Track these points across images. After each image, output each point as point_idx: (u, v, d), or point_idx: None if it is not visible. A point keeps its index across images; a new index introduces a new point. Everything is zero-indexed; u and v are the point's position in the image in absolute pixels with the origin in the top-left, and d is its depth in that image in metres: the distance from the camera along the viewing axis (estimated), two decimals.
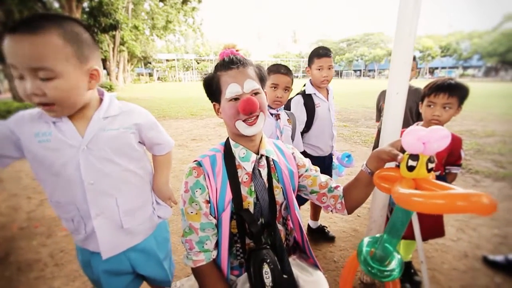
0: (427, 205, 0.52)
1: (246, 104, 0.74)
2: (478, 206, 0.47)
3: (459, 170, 1.37)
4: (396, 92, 1.24)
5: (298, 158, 0.98)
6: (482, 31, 42.99)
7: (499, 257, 1.79)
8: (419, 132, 0.64)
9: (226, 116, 0.80)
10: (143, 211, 0.94)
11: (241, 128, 0.78)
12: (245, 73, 0.78)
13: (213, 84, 0.80)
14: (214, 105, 0.84)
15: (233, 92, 0.76)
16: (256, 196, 0.85)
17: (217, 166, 0.83)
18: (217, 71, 0.80)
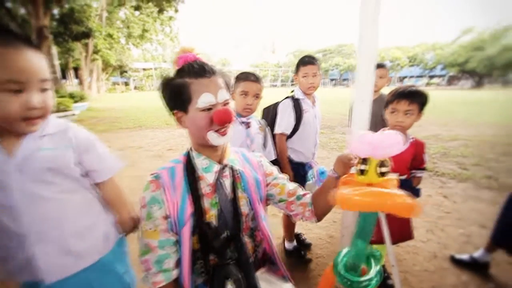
0: (359, 202, 0.56)
1: (223, 115, 0.73)
2: (402, 207, 0.53)
3: (423, 173, 1.42)
4: (362, 100, 1.28)
5: (265, 166, 0.96)
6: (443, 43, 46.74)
7: (465, 256, 1.87)
8: (369, 137, 0.66)
9: (196, 126, 0.76)
10: (94, 231, 0.87)
11: (213, 138, 0.76)
12: (217, 83, 0.76)
13: (180, 91, 0.75)
14: (176, 113, 0.79)
15: (207, 102, 0.73)
16: (220, 208, 0.81)
17: (176, 179, 0.79)
18: (185, 77, 0.75)
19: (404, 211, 0.53)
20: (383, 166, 0.66)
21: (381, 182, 0.68)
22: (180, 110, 0.77)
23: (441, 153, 4.73)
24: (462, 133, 6.43)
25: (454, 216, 2.56)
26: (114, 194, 0.95)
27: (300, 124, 1.73)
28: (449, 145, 5.31)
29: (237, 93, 1.39)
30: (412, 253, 2.01)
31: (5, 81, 0.64)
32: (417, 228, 2.33)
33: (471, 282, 1.70)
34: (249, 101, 1.37)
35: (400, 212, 0.53)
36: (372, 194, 0.56)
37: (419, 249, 2.06)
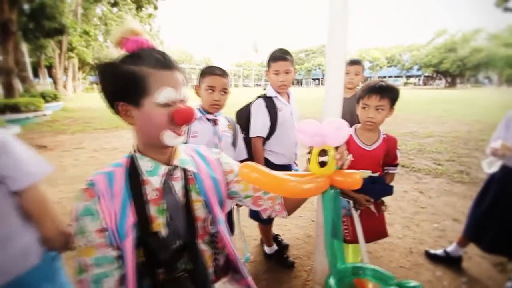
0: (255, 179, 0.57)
1: (186, 114, 0.65)
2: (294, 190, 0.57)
3: (396, 170, 1.40)
4: (332, 97, 1.22)
5: (224, 163, 0.88)
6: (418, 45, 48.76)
7: (439, 251, 1.89)
8: (308, 125, 0.63)
9: (151, 123, 0.66)
10: (9, 244, 0.74)
11: (169, 138, 0.67)
12: (179, 78, 0.68)
13: (134, 80, 0.64)
14: (122, 105, 0.66)
15: (169, 98, 0.64)
16: (169, 215, 0.72)
17: (116, 185, 0.68)
18: (142, 65, 0.64)
19: (289, 190, 0.56)
20: (322, 155, 0.62)
21: (324, 173, 0.65)
22: (128, 102, 0.66)
23: (417, 150, 4.87)
24: (437, 130, 6.68)
25: (429, 211, 2.61)
26: (35, 205, 0.80)
27: (276, 124, 1.62)
28: (424, 141, 5.48)
29: (202, 89, 1.29)
30: (389, 250, 2.00)
31: None
32: (394, 225, 2.35)
33: (445, 277, 1.71)
34: (216, 96, 1.28)
35: (284, 191, 0.57)
36: (259, 172, 0.57)
37: (396, 245, 2.06)
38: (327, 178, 0.65)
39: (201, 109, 1.33)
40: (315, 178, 0.62)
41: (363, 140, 1.34)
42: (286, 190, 0.56)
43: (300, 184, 0.56)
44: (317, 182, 0.59)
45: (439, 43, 41.96)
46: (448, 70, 38.90)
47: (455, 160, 4.20)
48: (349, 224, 1.37)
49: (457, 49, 37.92)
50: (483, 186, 1.68)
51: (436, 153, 4.65)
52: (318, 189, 0.60)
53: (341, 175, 0.66)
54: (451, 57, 37.92)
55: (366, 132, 1.34)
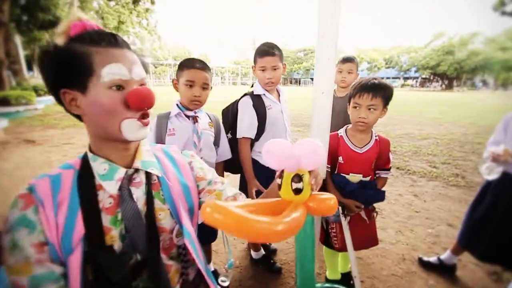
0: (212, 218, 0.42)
1: (143, 95, 0.56)
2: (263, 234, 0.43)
3: (389, 174, 1.31)
4: (322, 92, 1.13)
5: (197, 168, 0.78)
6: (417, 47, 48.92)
7: (433, 258, 1.81)
8: (277, 145, 0.54)
9: (101, 111, 0.56)
10: None
11: (132, 129, 0.58)
12: (132, 57, 0.59)
13: (74, 61, 0.54)
14: (66, 92, 0.57)
15: (117, 75, 0.55)
16: (126, 226, 0.62)
17: (61, 191, 0.58)
18: (85, 45, 0.55)
19: (261, 235, 0.43)
20: (296, 181, 0.52)
21: (298, 201, 0.55)
22: (72, 88, 0.56)
23: (413, 152, 4.81)
24: (433, 132, 6.63)
25: (423, 215, 2.53)
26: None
27: (265, 124, 1.50)
28: (420, 143, 5.42)
29: (181, 83, 1.18)
30: (381, 256, 1.92)
31: None
32: (386, 229, 2.27)
33: (438, 286, 1.64)
34: (196, 92, 1.17)
35: (255, 238, 0.43)
36: (225, 212, 0.43)
37: (388, 251, 1.98)
38: (304, 210, 0.55)
39: (180, 105, 1.23)
40: (291, 211, 0.51)
41: (354, 142, 1.25)
42: (260, 236, 0.44)
43: (275, 226, 0.44)
44: (295, 221, 0.48)
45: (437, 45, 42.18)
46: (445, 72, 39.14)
47: (451, 163, 4.14)
48: (337, 231, 1.29)
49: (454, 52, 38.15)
50: (479, 192, 1.60)
51: (432, 155, 4.59)
52: (297, 227, 0.49)
53: (314, 201, 0.57)
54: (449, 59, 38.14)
55: (358, 133, 1.25)
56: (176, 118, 1.21)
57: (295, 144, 0.55)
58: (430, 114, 10.02)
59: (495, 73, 37.34)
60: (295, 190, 0.53)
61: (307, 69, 58.57)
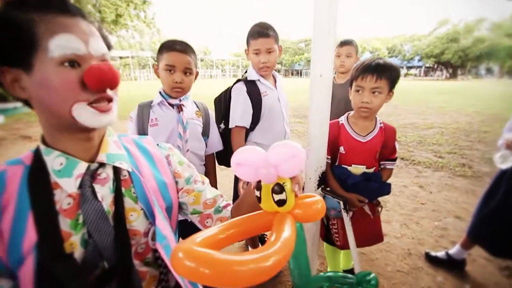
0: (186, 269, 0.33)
1: (101, 72, 0.46)
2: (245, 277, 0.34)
3: (394, 165, 1.19)
4: (320, 74, 1.01)
5: (175, 163, 0.68)
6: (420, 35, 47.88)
7: (441, 253, 1.71)
8: (247, 153, 0.47)
9: (51, 93, 0.46)
10: None
11: (85, 115, 0.48)
12: (88, 28, 0.49)
13: (14, 32, 0.44)
14: (6, 71, 0.46)
15: (70, 48, 0.45)
16: (89, 231, 0.52)
17: (7, 190, 0.48)
18: (28, 11, 0.44)
19: (257, 279, 0.34)
20: (278, 192, 0.45)
21: (284, 212, 0.48)
22: (15, 66, 0.46)
23: (417, 141, 4.67)
24: (437, 121, 6.46)
25: (429, 207, 2.43)
26: None
27: (260, 112, 1.37)
28: (425, 133, 5.28)
29: (161, 68, 1.06)
30: (385, 251, 1.82)
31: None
32: (391, 223, 2.17)
33: (447, 283, 1.54)
34: (177, 77, 1.05)
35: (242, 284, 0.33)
36: (200, 259, 0.33)
37: (393, 246, 1.88)
38: (292, 223, 0.46)
39: (163, 92, 1.11)
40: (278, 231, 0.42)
41: (356, 130, 1.13)
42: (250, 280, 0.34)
43: (265, 261, 0.34)
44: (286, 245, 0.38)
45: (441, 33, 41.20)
46: (449, 61, 38.37)
47: (457, 153, 4.01)
48: (339, 228, 1.18)
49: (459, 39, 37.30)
50: (492, 182, 1.48)
51: (437, 145, 4.46)
52: (290, 251, 0.39)
53: (299, 208, 0.50)
54: (453, 47, 37.32)
55: (361, 120, 1.13)
56: (159, 107, 1.10)
57: (270, 149, 0.47)
58: (434, 103, 9.80)
59: (500, 61, 36.51)
60: (278, 202, 0.46)
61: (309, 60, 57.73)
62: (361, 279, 0.69)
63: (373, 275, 0.70)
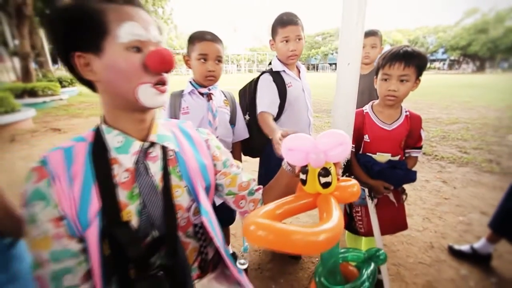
0: (262, 238, 0.40)
1: (163, 56, 0.52)
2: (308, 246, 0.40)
3: (420, 153, 1.19)
4: (348, 63, 1.03)
5: (213, 147, 0.74)
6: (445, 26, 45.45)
7: (465, 247, 1.68)
8: (298, 140, 0.52)
9: (118, 74, 0.52)
10: None
11: (148, 95, 0.54)
12: (147, 17, 0.55)
13: (86, 19, 0.49)
14: (78, 56, 0.52)
15: (135, 35, 0.51)
16: (142, 202, 0.58)
17: (75, 163, 0.55)
18: (95, 1, 0.50)
19: (307, 249, 0.41)
20: (324, 175, 0.50)
21: (326, 193, 0.53)
22: (86, 51, 0.51)
23: (441, 137, 4.51)
24: (463, 116, 6.19)
25: (453, 203, 2.37)
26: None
27: (285, 102, 1.38)
28: (448, 128, 5.08)
29: (193, 58, 1.11)
30: (407, 244, 1.82)
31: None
32: (412, 216, 2.14)
33: (471, 276, 1.52)
34: (210, 66, 1.10)
35: (304, 251, 0.41)
36: (269, 229, 0.40)
37: (414, 239, 1.87)
38: (337, 205, 0.52)
39: (193, 82, 1.17)
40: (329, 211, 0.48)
41: (382, 119, 1.14)
42: (303, 249, 0.41)
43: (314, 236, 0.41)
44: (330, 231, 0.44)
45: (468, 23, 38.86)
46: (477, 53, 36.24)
47: (483, 149, 3.84)
48: (363, 215, 1.20)
49: (488, 30, 35.00)
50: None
51: (462, 140, 4.28)
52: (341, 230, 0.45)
53: (338, 190, 0.56)
54: (481, 38, 35.16)
55: (386, 108, 1.14)
56: (190, 96, 1.16)
57: (318, 137, 0.52)
58: (460, 97, 9.35)
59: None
60: (324, 184, 0.51)
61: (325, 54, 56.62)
62: (371, 254, 0.77)
63: (382, 251, 0.76)
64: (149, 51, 0.52)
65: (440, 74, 33.42)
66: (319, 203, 0.55)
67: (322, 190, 0.53)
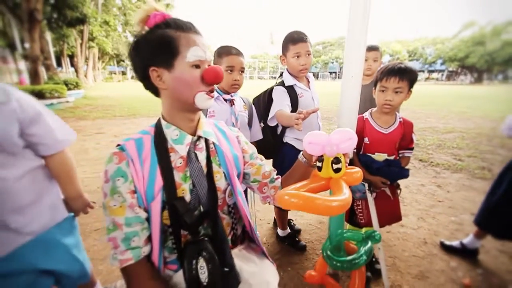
0: (288, 202, 0.61)
1: (215, 72, 0.69)
2: (322, 208, 0.60)
3: (411, 153, 1.38)
4: (351, 76, 1.21)
5: (242, 142, 0.91)
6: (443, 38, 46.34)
7: (455, 242, 1.85)
8: (319, 136, 0.70)
9: (183, 85, 0.69)
10: (36, 205, 0.82)
11: (202, 100, 0.71)
12: (204, 41, 0.72)
13: (164, 43, 0.67)
14: (154, 70, 0.69)
15: (198, 56, 0.68)
16: (192, 182, 0.76)
17: (144, 150, 0.72)
18: (171, 29, 0.67)
19: (324, 211, 0.61)
20: (336, 162, 0.70)
21: (337, 177, 0.72)
22: (160, 66, 0.69)
23: (436, 145, 4.71)
24: (459, 125, 6.41)
25: (446, 205, 2.54)
26: (61, 170, 0.89)
27: (297, 111, 1.57)
28: (445, 137, 5.28)
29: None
30: (402, 239, 1.98)
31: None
32: (408, 216, 2.31)
33: (459, 268, 1.69)
34: (236, 76, 1.30)
35: (322, 212, 0.62)
36: (299, 197, 0.62)
37: (409, 235, 2.04)
38: (347, 185, 0.70)
39: (218, 89, 1.36)
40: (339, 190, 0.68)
41: (379, 124, 1.33)
42: (322, 211, 0.63)
43: (330, 202, 0.62)
44: (342, 201, 0.65)
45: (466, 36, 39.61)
46: (474, 64, 36.83)
47: (477, 156, 4.03)
48: (363, 208, 1.38)
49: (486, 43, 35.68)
50: (499, 174, 1.62)
51: (457, 148, 4.48)
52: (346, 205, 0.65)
53: (346, 175, 0.74)
54: (479, 51, 35.80)
55: (383, 115, 1.33)
56: (215, 102, 1.34)
57: (331, 134, 0.71)
58: (457, 108, 9.60)
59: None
60: (336, 170, 0.70)
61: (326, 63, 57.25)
62: (368, 235, 0.99)
63: (378, 232, 0.99)
64: (206, 68, 0.70)
65: (438, 84, 33.93)
66: (331, 185, 0.74)
67: (334, 174, 0.72)
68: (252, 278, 0.81)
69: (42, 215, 0.83)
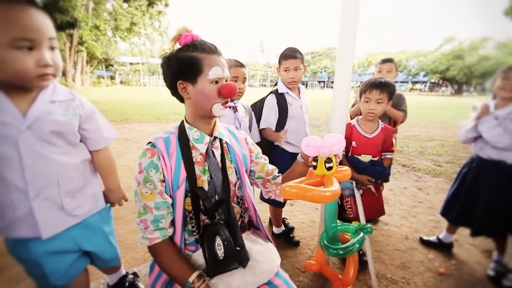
0: (290, 193, 0.75)
1: (231, 88, 0.83)
2: (317, 196, 0.74)
3: (392, 155, 1.59)
4: (341, 88, 1.40)
5: (250, 143, 1.06)
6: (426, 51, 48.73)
7: (432, 237, 2.06)
8: (314, 140, 0.86)
9: (204, 97, 0.83)
10: (84, 192, 0.95)
11: (218, 109, 0.84)
12: (224, 61, 0.86)
13: (191, 63, 0.81)
14: (181, 83, 0.84)
15: (217, 75, 0.82)
16: (210, 175, 0.90)
17: (171, 147, 0.86)
18: (197, 52, 0.82)
19: (319, 199, 0.73)
20: (329, 162, 0.85)
21: (329, 174, 0.87)
22: (186, 81, 0.83)
23: (418, 151, 5.02)
24: (439, 134, 6.81)
25: (426, 205, 2.78)
26: (105, 163, 1.02)
27: (286, 118, 1.77)
28: (426, 144, 5.62)
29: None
30: (386, 236, 2.18)
31: (18, 38, 0.68)
32: (392, 215, 2.52)
33: (436, 259, 1.89)
34: (240, 85, 1.47)
35: (317, 200, 0.74)
36: (298, 188, 0.75)
37: (393, 232, 2.23)
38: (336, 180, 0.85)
39: None
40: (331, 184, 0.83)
41: (364, 129, 1.53)
42: (317, 199, 0.75)
43: (323, 192, 0.76)
44: (336, 190, 0.78)
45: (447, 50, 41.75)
46: (454, 77, 38.75)
47: (455, 162, 4.34)
48: (352, 203, 1.56)
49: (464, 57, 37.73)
50: (457, 172, 1.93)
51: (437, 155, 4.80)
52: (338, 193, 0.79)
53: (337, 172, 0.89)
54: (458, 64, 37.76)
55: (368, 122, 1.53)
56: None
57: (325, 137, 0.86)
58: (438, 118, 10.14)
59: None
60: (328, 168, 0.86)
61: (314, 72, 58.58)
62: (361, 227, 1.16)
63: (369, 225, 1.16)
64: (223, 84, 0.85)
65: (421, 95, 35.43)
66: (325, 180, 0.90)
67: (327, 172, 0.88)
68: (260, 256, 0.95)
69: (87, 202, 0.95)
